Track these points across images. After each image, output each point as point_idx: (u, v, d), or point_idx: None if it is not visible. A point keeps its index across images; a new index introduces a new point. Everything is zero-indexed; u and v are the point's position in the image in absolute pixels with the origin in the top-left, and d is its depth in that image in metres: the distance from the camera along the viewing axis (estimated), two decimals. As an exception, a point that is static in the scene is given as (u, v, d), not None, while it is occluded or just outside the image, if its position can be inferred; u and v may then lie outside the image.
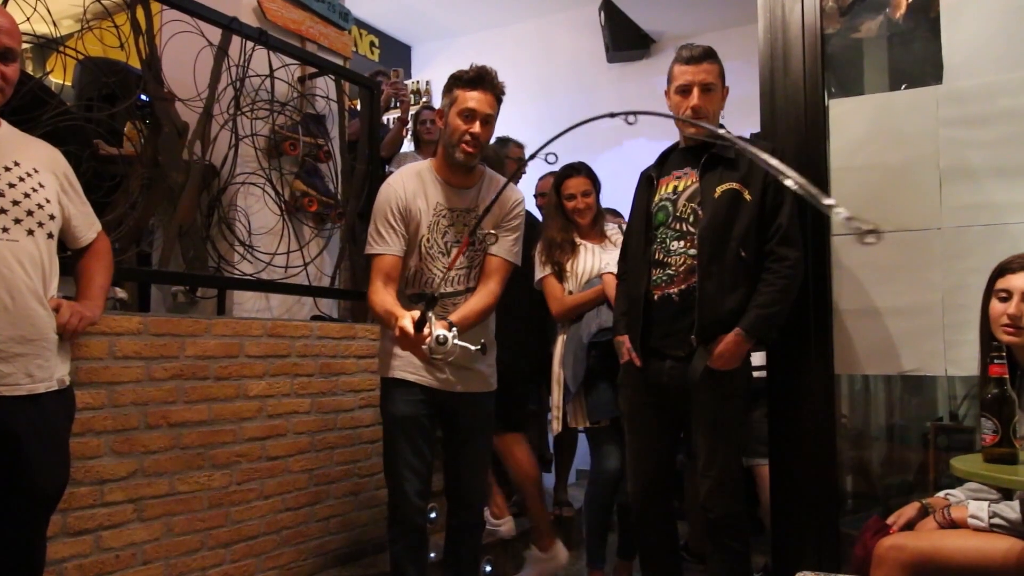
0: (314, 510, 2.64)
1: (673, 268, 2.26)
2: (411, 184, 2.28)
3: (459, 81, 2.22)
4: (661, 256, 2.30)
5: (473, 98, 2.18)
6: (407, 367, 2.27)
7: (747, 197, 2.21)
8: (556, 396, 2.99)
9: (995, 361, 1.60)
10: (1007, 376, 1.59)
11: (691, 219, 2.26)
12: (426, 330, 1.91)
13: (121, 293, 2.56)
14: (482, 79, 2.20)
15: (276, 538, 2.51)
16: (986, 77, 2.24)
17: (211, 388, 2.33)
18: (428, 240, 2.25)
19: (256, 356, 2.48)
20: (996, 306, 1.84)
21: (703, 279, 2.19)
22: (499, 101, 2.25)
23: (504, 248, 2.29)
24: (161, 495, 2.18)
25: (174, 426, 2.23)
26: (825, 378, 2.36)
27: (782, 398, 2.44)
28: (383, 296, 2.16)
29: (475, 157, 2.22)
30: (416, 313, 1.93)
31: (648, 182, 2.43)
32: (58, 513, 1.91)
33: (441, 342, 1.89)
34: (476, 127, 2.18)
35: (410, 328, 1.91)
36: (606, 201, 3.35)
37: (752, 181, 2.23)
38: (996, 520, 1.72)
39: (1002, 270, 1.86)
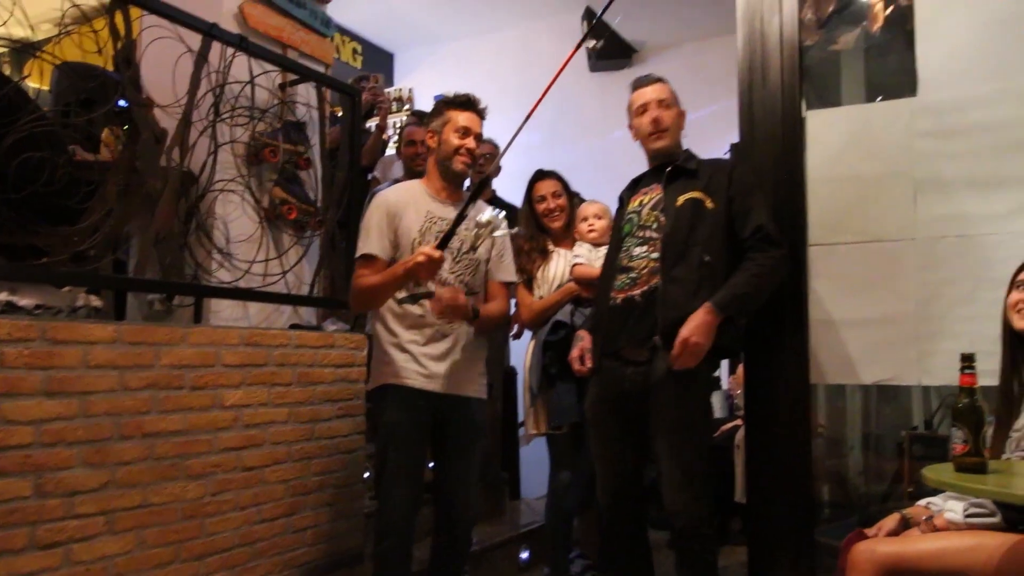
0: (290, 521, 2.62)
1: (636, 271, 2.33)
2: (402, 195, 2.47)
3: (451, 104, 2.47)
4: (625, 262, 2.37)
5: (466, 117, 2.44)
6: (402, 372, 2.35)
7: (709, 205, 2.28)
8: (527, 402, 2.99)
9: (965, 371, 1.62)
10: (976, 386, 1.60)
11: (654, 226, 2.34)
12: (480, 216, 2.26)
13: (96, 301, 2.53)
14: (472, 102, 2.47)
15: (251, 550, 2.48)
16: (959, 90, 2.27)
17: (186, 398, 2.31)
18: (419, 243, 2.36)
19: (233, 365, 2.45)
20: (1014, 296, 1.91)
21: (666, 282, 2.25)
22: (483, 122, 2.52)
23: (506, 272, 2.54)
24: (133, 507, 2.15)
25: (148, 436, 2.20)
26: (801, 388, 2.38)
27: (758, 408, 2.45)
28: (369, 276, 2.35)
29: (470, 167, 2.47)
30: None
31: (621, 203, 2.55)
32: (27, 525, 1.89)
33: (495, 214, 2.25)
34: (470, 142, 2.42)
35: (433, 251, 2.13)
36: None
37: (715, 190, 2.30)
38: (971, 511, 1.75)
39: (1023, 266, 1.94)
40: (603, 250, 2.95)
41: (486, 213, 2.29)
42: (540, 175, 3.13)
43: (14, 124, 2.17)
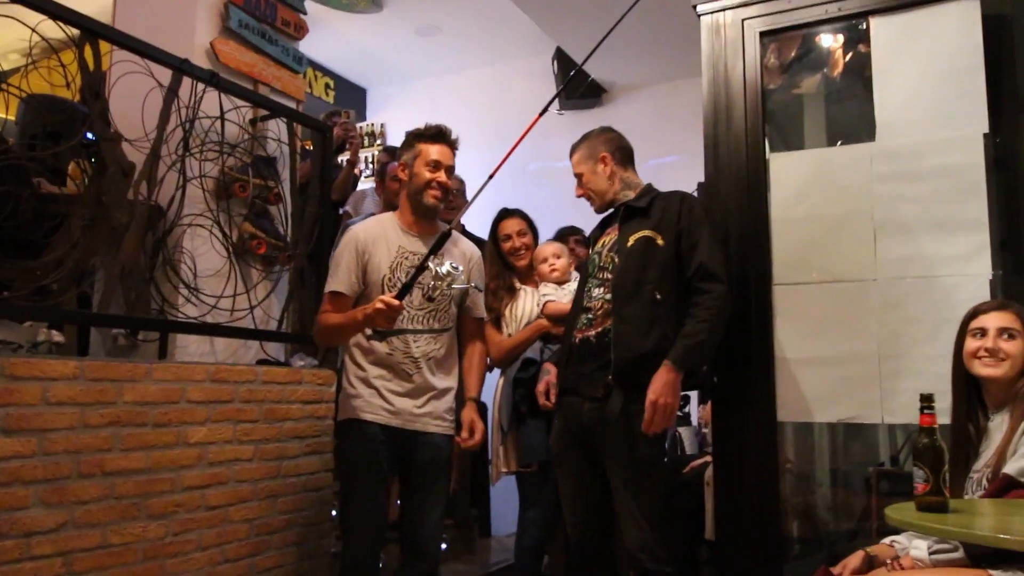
0: (254, 562, 2.57)
1: (592, 312, 2.38)
2: (373, 231, 2.47)
3: (422, 136, 2.45)
4: (585, 302, 2.43)
5: (437, 151, 2.43)
6: (366, 407, 2.35)
7: (660, 243, 2.32)
8: (496, 441, 2.98)
9: (925, 412, 1.65)
10: (936, 426, 1.63)
11: (610, 267, 2.39)
12: (439, 267, 2.25)
13: (58, 336, 2.49)
14: (443, 135, 2.46)
15: (214, 591, 2.43)
16: (915, 136, 2.34)
17: (149, 435, 2.27)
18: (390, 279, 2.37)
19: (198, 401, 2.42)
20: (971, 343, 1.93)
21: (617, 322, 2.28)
22: (455, 154, 2.50)
23: (480, 308, 2.58)
24: (92, 548, 2.09)
25: (109, 475, 2.15)
26: (768, 425, 2.40)
27: (727, 445, 2.47)
28: (332, 314, 2.37)
29: (442, 202, 2.45)
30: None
31: (591, 243, 2.60)
32: (-20, 568, 1.83)
33: (454, 267, 2.28)
34: (442, 175, 2.42)
35: (392, 300, 2.13)
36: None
37: (665, 227, 2.34)
38: (935, 548, 1.76)
39: (975, 312, 1.97)
40: (569, 287, 2.99)
41: (444, 266, 2.29)
42: (505, 213, 3.17)
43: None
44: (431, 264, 2.23)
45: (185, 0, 3.12)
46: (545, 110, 2.44)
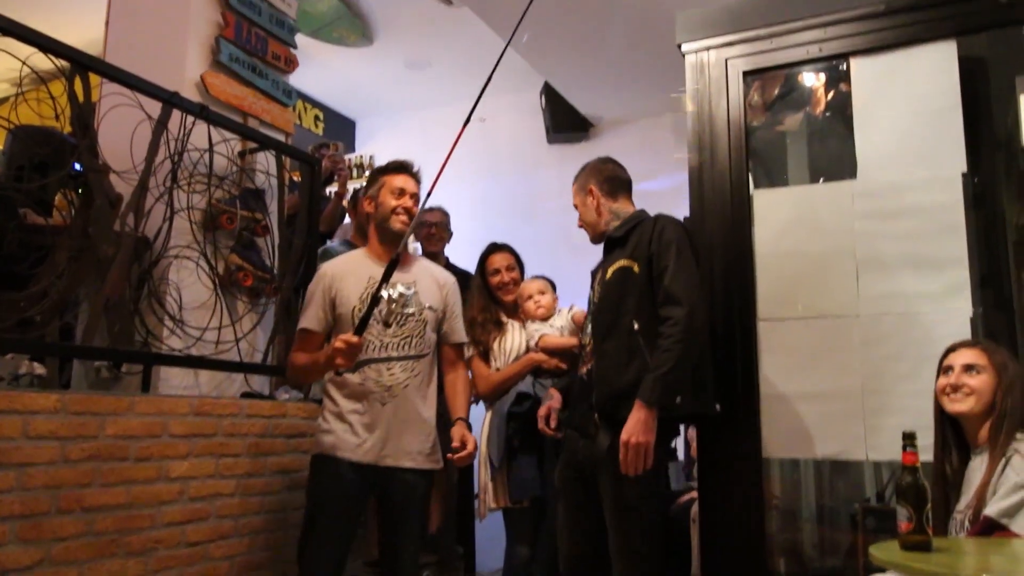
0: (235, 599, 2.53)
1: (585, 349, 2.43)
2: (342, 267, 2.52)
3: (385, 170, 2.56)
4: (583, 339, 2.47)
5: (401, 180, 2.52)
6: (338, 443, 2.34)
7: (636, 271, 2.30)
8: (483, 476, 2.95)
9: (907, 449, 1.65)
10: (919, 464, 1.64)
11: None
12: (391, 292, 2.30)
13: (40, 369, 2.46)
14: (405, 166, 2.55)
15: (192, 630, 2.38)
16: (895, 174, 2.37)
17: (130, 470, 2.24)
18: (360, 309, 2.37)
19: (180, 436, 2.40)
20: (941, 381, 1.99)
21: (598, 358, 2.30)
22: (419, 184, 2.57)
23: (457, 334, 2.58)
24: (69, 585, 2.06)
25: (88, 511, 2.12)
26: (754, 462, 2.40)
27: (712, 482, 2.46)
28: (300, 354, 2.43)
29: (409, 227, 2.47)
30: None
31: (593, 279, 2.60)
32: (-47, 607, 1.79)
33: (407, 289, 2.33)
34: (407, 201, 2.49)
35: (351, 337, 2.17)
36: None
37: (639, 254, 2.32)
38: None
39: (947, 351, 2.03)
40: (555, 323, 3.00)
41: (397, 289, 2.34)
42: (494, 248, 3.19)
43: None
44: (383, 292, 2.25)
45: (176, 33, 3.15)
46: (470, 115, 2.48)
